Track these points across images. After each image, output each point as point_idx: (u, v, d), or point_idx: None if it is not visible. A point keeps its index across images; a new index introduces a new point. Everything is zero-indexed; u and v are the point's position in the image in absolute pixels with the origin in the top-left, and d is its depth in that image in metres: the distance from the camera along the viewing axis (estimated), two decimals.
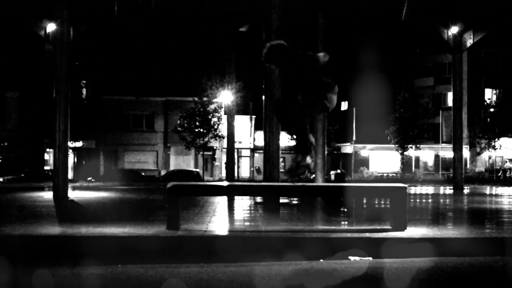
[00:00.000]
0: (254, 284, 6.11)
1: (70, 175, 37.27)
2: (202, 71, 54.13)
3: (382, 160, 64.59)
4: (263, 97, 17.80)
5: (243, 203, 16.62)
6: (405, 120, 57.80)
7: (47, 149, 52.72)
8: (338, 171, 59.94)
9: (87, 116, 55.30)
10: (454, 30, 28.00)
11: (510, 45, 61.75)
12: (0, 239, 8.59)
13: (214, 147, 58.91)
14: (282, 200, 15.88)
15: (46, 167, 50.97)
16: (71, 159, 52.33)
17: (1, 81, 51.03)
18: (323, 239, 8.66)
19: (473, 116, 62.26)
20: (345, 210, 14.49)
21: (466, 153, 58.00)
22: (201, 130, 54.36)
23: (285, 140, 51.20)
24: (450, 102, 50.51)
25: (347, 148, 66.35)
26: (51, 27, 22.42)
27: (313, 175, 23.76)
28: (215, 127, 54.63)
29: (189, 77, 55.85)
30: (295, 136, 8.38)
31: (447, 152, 57.32)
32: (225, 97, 46.29)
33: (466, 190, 28.58)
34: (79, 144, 54.89)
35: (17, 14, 23.58)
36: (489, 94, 65.67)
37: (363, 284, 6.17)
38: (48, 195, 20.58)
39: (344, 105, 68.03)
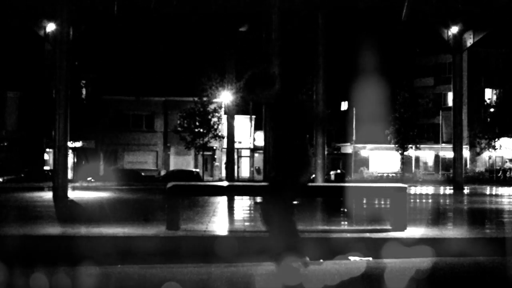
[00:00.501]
0: (253, 285, 6.10)
1: (69, 175, 37.27)
2: (202, 71, 54.09)
3: (382, 160, 64.57)
4: None
5: (243, 203, 16.61)
6: (405, 120, 57.79)
7: (47, 149, 52.71)
8: (338, 171, 59.93)
9: (87, 116, 55.26)
10: (454, 30, 27.98)
11: (510, 45, 61.74)
12: None
13: (214, 147, 58.88)
14: None
15: (45, 167, 50.95)
16: (70, 159, 52.30)
17: (1, 81, 51.01)
18: (323, 239, 8.65)
19: (473, 116, 62.25)
20: (345, 210, 14.48)
21: (466, 153, 57.97)
22: (201, 130, 54.33)
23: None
24: (450, 102, 50.52)
25: (347, 148, 66.34)
26: (51, 27, 22.40)
27: (313, 175, 23.73)
28: (215, 127, 54.60)
29: (189, 77, 55.80)
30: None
31: (447, 152, 57.31)
32: (225, 97, 46.30)
33: (466, 190, 28.56)
34: (78, 144, 54.87)
35: (17, 14, 23.57)
36: (489, 94, 65.68)
37: (363, 284, 6.16)
38: (48, 195, 20.57)
39: (344, 105, 68.03)
